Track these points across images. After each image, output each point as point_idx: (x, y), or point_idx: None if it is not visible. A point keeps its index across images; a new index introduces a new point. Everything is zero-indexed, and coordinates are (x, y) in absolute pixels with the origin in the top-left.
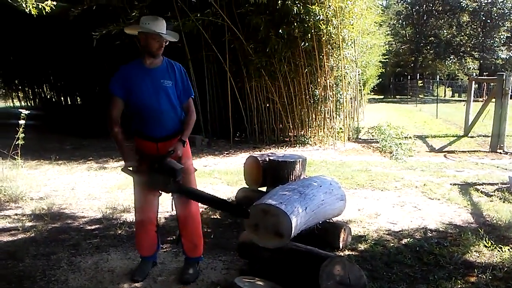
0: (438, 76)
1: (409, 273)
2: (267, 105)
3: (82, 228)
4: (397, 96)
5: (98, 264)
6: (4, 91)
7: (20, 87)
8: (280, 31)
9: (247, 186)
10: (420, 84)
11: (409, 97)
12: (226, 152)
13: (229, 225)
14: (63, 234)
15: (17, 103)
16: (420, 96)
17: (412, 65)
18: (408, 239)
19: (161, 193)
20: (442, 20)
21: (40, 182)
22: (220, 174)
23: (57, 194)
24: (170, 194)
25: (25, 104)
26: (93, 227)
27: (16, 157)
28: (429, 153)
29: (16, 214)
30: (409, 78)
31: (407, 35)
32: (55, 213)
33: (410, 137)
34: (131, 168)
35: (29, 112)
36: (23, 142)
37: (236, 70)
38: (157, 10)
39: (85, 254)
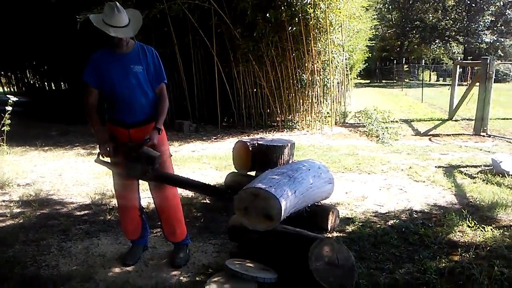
0: (423, 60)
1: (395, 253)
2: (255, 90)
3: (71, 214)
4: (383, 81)
5: (89, 249)
6: None
7: (2, 73)
8: (267, 15)
9: (236, 171)
10: (406, 69)
11: (394, 81)
12: (214, 137)
13: (219, 209)
14: (52, 220)
15: (0, 89)
16: (405, 80)
17: (398, 49)
18: (394, 220)
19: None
20: (428, 4)
21: (26, 169)
22: (209, 159)
23: (44, 181)
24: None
25: (8, 89)
26: (82, 212)
27: (1, 143)
28: (414, 136)
29: (3, 201)
30: (395, 62)
31: (393, 19)
32: (43, 199)
33: (396, 121)
34: (106, 160)
35: (17, 99)
36: (9, 128)
37: (223, 54)
38: None
39: (75, 240)
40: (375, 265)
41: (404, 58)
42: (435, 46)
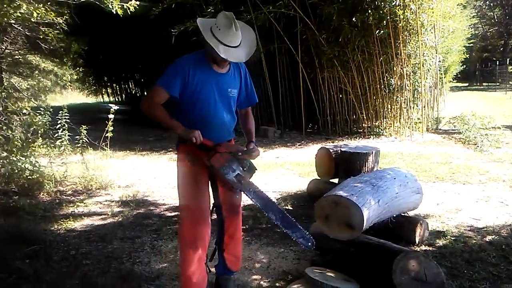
0: None
1: (493, 272)
2: (340, 96)
3: (163, 215)
4: (483, 83)
5: (177, 248)
6: (95, 87)
7: (108, 84)
8: (353, 19)
9: (319, 178)
10: (511, 70)
11: (497, 84)
12: (298, 144)
13: (300, 216)
14: (146, 220)
15: (106, 99)
16: (510, 82)
17: (501, 49)
18: (493, 236)
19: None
20: None
21: (126, 171)
22: (292, 166)
23: (141, 183)
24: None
25: (113, 99)
26: (172, 214)
27: (106, 148)
28: None
29: (106, 200)
30: (497, 63)
31: (495, 17)
32: (140, 200)
33: (498, 127)
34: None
35: (118, 107)
36: (112, 134)
37: (308, 61)
38: (230, 5)
39: (166, 239)
40: (469, 284)
41: (508, 59)
42: None
